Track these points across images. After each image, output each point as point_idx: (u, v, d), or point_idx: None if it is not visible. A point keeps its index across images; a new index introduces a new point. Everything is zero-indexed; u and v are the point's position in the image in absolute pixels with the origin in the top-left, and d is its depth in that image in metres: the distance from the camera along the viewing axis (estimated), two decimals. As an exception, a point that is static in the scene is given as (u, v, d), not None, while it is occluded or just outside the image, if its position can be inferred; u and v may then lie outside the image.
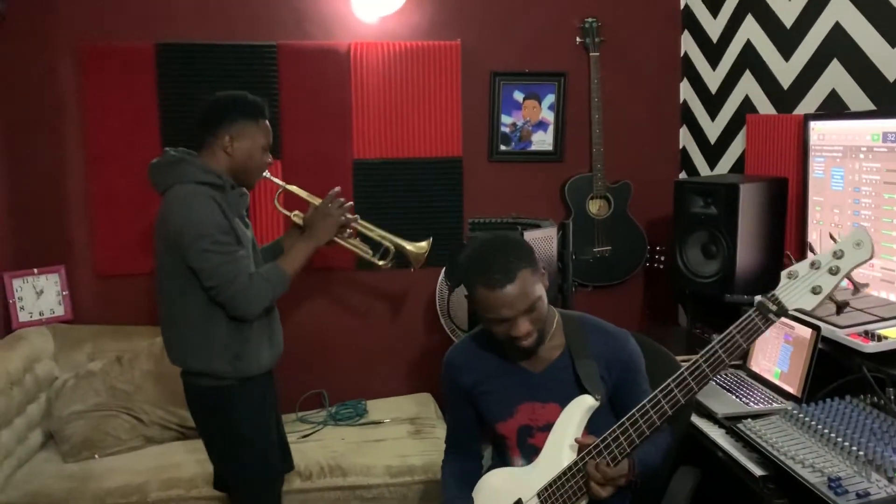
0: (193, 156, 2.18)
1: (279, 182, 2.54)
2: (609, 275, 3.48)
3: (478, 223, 2.91)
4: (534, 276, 1.70)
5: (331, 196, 2.38)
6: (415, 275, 3.00)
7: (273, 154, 2.36)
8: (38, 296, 3.12)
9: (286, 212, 2.54)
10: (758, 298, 1.50)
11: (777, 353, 2.24)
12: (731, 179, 2.80)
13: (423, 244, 2.72)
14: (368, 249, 2.62)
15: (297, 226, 2.47)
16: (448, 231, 3.35)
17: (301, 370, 3.26)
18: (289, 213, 2.52)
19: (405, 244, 2.69)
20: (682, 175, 3.58)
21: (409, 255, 2.71)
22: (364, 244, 2.61)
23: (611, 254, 3.44)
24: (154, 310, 2.27)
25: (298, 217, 2.47)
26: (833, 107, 2.55)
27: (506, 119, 3.41)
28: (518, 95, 3.40)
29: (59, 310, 3.16)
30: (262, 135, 2.23)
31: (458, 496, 1.90)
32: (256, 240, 2.35)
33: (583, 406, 1.72)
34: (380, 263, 2.67)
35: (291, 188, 2.55)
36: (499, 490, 1.82)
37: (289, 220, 2.54)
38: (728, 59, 3.17)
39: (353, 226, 2.48)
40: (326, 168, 3.28)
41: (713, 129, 3.34)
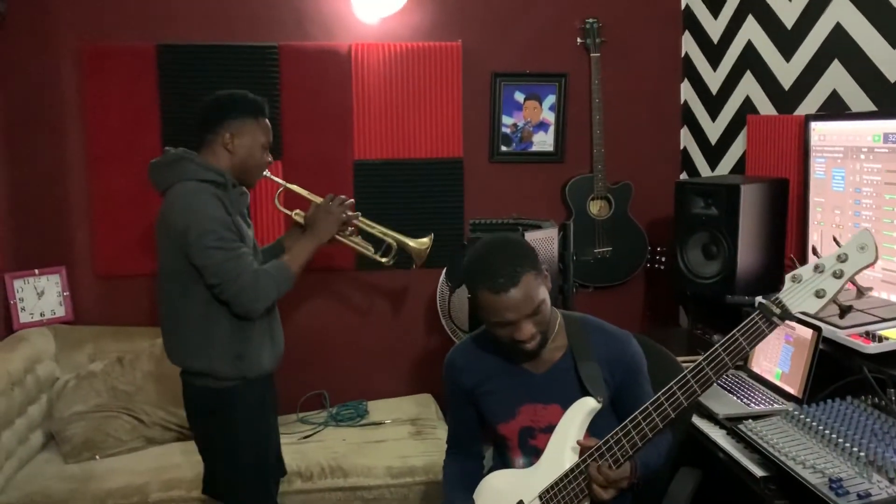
0: (194, 154, 2.17)
1: (279, 181, 2.53)
2: (610, 275, 3.48)
3: (479, 224, 2.90)
4: (537, 280, 1.69)
5: (331, 195, 2.38)
6: (415, 275, 3.00)
7: (274, 155, 2.36)
8: (39, 296, 3.12)
9: (287, 211, 2.53)
10: (761, 301, 1.50)
11: (778, 354, 2.24)
12: (732, 180, 2.80)
13: (425, 240, 2.71)
14: (370, 247, 2.61)
15: (298, 225, 2.45)
16: (449, 232, 3.34)
17: (301, 371, 3.25)
18: (289, 212, 2.51)
19: (407, 240, 2.68)
20: (683, 176, 3.57)
21: (411, 252, 2.69)
22: (366, 242, 2.60)
23: (611, 254, 3.44)
24: (155, 310, 2.27)
25: (299, 216, 2.45)
26: (834, 107, 2.55)
27: (506, 120, 3.41)
28: (519, 96, 3.40)
29: (60, 310, 3.16)
30: (263, 133, 2.23)
31: (460, 497, 1.89)
32: (257, 240, 2.35)
33: (585, 408, 1.71)
34: (382, 261, 2.66)
35: (292, 187, 2.54)
36: (500, 491, 1.82)
37: (289, 220, 2.54)
38: (729, 60, 3.17)
39: (355, 223, 2.47)
40: (327, 169, 3.28)
41: (714, 130, 3.34)
